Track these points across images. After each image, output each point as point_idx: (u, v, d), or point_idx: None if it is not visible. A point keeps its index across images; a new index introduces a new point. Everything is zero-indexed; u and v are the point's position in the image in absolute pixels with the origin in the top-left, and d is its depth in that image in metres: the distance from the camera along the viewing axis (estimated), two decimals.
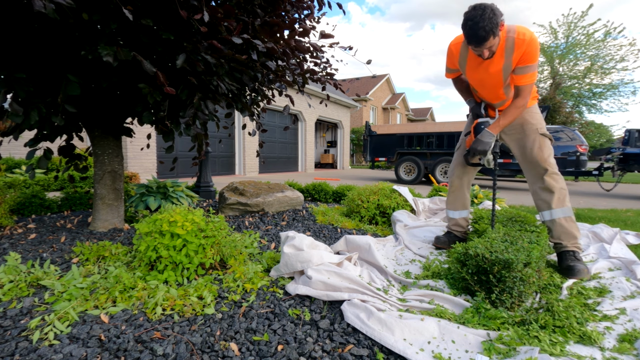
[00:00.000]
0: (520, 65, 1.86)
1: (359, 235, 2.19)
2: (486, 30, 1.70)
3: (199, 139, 2.46)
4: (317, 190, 4.67)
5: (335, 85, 3.00)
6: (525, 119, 2.11)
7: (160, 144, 8.13)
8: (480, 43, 1.76)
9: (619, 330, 1.34)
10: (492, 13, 1.69)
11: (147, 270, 1.72)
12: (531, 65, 1.85)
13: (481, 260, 1.51)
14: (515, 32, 1.82)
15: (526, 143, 2.10)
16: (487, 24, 1.69)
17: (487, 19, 1.68)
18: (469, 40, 1.79)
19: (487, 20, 1.68)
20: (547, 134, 2.08)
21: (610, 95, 19.74)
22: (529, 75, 1.88)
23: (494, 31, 1.71)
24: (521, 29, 1.82)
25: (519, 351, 1.15)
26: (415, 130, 9.10)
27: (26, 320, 1.31)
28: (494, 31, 1.71)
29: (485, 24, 1.69)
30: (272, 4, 2.29)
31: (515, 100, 1.96)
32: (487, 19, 1.68)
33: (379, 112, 26.33)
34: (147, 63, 1.60)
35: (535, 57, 1.84)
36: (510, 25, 1.85)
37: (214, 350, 1.18)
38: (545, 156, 2.04)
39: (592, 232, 2.71)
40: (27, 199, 3.17)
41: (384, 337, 1.23)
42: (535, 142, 2.06)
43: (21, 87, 1.80)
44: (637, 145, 6.59)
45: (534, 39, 1.81)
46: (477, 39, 1.74)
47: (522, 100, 1.94)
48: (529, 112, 2.12)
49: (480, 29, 1.70)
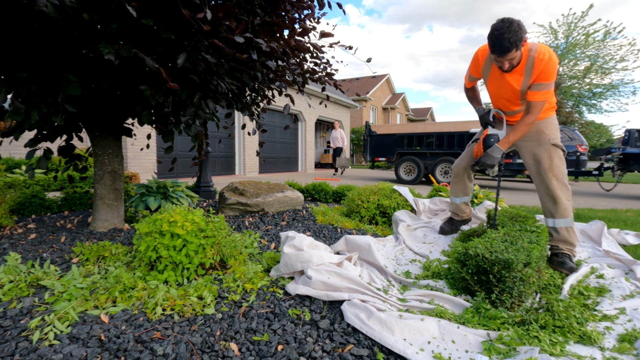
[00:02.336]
0: (536, 82, 1.94)
1: (359, 235, 2.19)
2: (510, 41, 1.79)
3: (199, 139, 2.46)
4: (317, 190, 4.67)
5: (335, 85, 2.99)
6: (541, 129, 2.15)
7: (160, 144, 8.13)
8: (504, 54, 1.85)
9: (618, 330, 1.35)
10: (518, 27, 1.80)
11: (147, 270, 1.72)
12: (546, 84, 1.93)
13: (481, 260, 1.51)
14: (536, 51, 1.90)
15: (538, 152, 2.14)
16: (512, 36, 1.79)
17: (512, 31, 1.78)
18: (492, 50, 1.88)
19: (513, 33, 1.78)
20: (560, 145, 2.12)
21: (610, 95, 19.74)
22: (542, 92, 1.95)
23: (517, 44, 1.81)
24: (542, 48, 1.90)
25: (519, 351, 1.15)
26: (415, 131, 9.10)
27: (26, 320, 1.30)
28: (517, 44, 1.81)
29: (511, 35, 1.79)
30: (272, 4, 2.29)
31: (525, 117, 2.02)
32: (512, 31, 1.78)
33: (379, 112, 26.32)
34: (149, 59, 1.60)
35: (551, 76, 1.92)
36: (533, 44, 1.94)
37: (214, 350, 1.18)
38: (554, 166, 2.08)
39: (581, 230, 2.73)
40: (27, 199, 3.17)
41: (384, 337, 1.23)
42: (546, 152, 2.11)
43: (22, 86, 1.80)
44: (637, 145, 6.58)
45: (552, 60, 1.89)
46: (501, 49, 1.83)
47: (532, 117, 2.00)
48: (544, 123, 2.17)
49: (505, 40, 1.80)
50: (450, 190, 2.66)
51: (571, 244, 2.09)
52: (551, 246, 2.16)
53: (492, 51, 1.90)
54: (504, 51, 1.84)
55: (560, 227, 2.09)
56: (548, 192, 2.09)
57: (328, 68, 2.89)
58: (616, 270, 2.02)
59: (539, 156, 2.12)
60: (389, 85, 27.66)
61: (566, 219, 2.07)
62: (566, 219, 2.07)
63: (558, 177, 2.08)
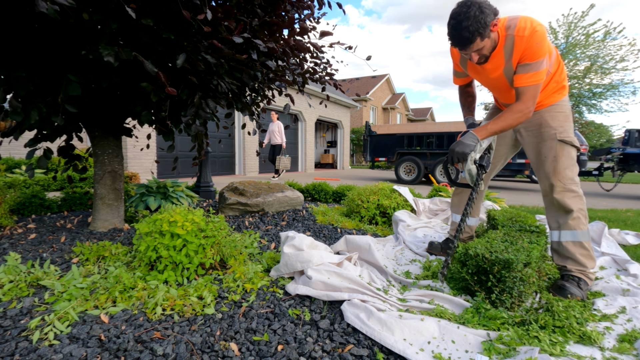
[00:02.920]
0: (520, 63, 1.57)
1: (359, 235, 2.19)
2: (470, 31, 1.46)
3: (199, 139, 2.46)
4: (317, 190, 4.67)
5: (335, 85, 3.00)
6: (545, 120, 1.75)
7: (160, 144, 8.13)
8: (465, 46, 1.53)
9: (618, 330, 1.35)
10: (478, 10, 1.45)
11: (147, 270, 1.72)
12: (534, 63, 1.53)
13: (481, 260, 1.51)
14: (515, 27, 1.54)
15: (541, 149, 1.75)
16: (472, 24, 1.45)
17: (472, 17, 1.45)
18: (452, 43, 1.58)
19: (473, 19, 1.45)
20: (570, 139, 1.71)
21: (610, 95, 19.73)
22: (531, 74, 1.54)
23: (480, 32, 1.47)
24: (523, 22, 1.54)
25: (519, 351, 1.15)
26: (415, 131, 9.11)
27: (26, 320, 1.30)
28: (480, 32, 1.47)
29: (470, 23, 1.45)
30: (273, 4, 2.29)
31: (514, 104, 1.60)
32: (472, 17, 1.45)
33: (379, 112, 26.33)
34: (148, 63, 1.60)
35: (539, 52, 1.52)
36: (512, 19, 1.58)
37: (214, 350, 1.18)
38: (561, 168, 1.69)
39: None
40: (27, 199, 3.17)
41: (384, 337, 1.23)
42: (551, 151, 1.72)
43: (21, 86, 1.80)
44: (637, 145, 6.59)
45: (537, 32, 1.51)
46: (461, 41, 1.52)
47: (522, 105, 1.58)
48: (550, 111, 1.75)
49: (463, 30, 1.47)
50: (453, 205, 2.26)
51: (582, 264, 1.67)
52: (558, 267, 1.77)
53: (452, 44, 1.58)
54: (465, 42, 1.51)
55: (567, 242, 1.69)
56: (553, 198, 1.71)
57: (328, 68, 2.89)
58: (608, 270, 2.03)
59: (542, 155, 1.74)
60: (389, 85, 27.67)
61: (574, 231, 1.68)
62: (574, 231, 1.68)
63: (565, 181, 1.69)
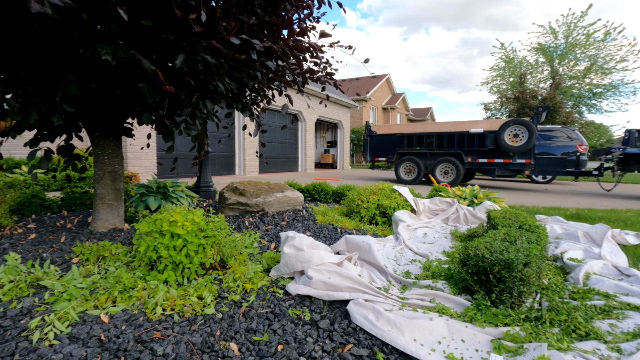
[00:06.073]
0: None
1: (359, 235, 2.19)
2: None
3: (199, 139, 2.46)
4: (317, 190, 4.67)
5: (335, 85, 2.99)
6: None
7: (160, 144, 8.13)
8: None
9: (622, 328, 1.35)
10: None
11: (147, 270, 1.72)
12: None
13: (481, 260, 1.51)
14: None
15: None
16: None
17: None
18: None
19: None
20: None
21: (610, 96, 19.74)
22: None
23: None
24: None
25: (527, 348, 1.16)
26: (415, 131, 9.10)
27: (26, 320, 1.30)
28: None
29: None
30: (272, 3, 2.29)
31: None
32: None
33: (379, 112, 26.32)
34: (146, 61, 1.60)
35: None
36: None
37: (214, 350, 1.18)
38: None
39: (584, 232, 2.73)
40: (27, 199, 3.17)
41: (394, 339, 1.23)
42: None
43: (20, 85, 1.80)
44: (637, 145, 6.58)
45: None
46: None
47: None
48: None
49: None
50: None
51: None
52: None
53: None
54: None
55: None
56: None
57: (328, 68, 2.89)
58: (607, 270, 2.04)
59: None
60: (389, 85, 27.65)
61: None
62: None
63: None
